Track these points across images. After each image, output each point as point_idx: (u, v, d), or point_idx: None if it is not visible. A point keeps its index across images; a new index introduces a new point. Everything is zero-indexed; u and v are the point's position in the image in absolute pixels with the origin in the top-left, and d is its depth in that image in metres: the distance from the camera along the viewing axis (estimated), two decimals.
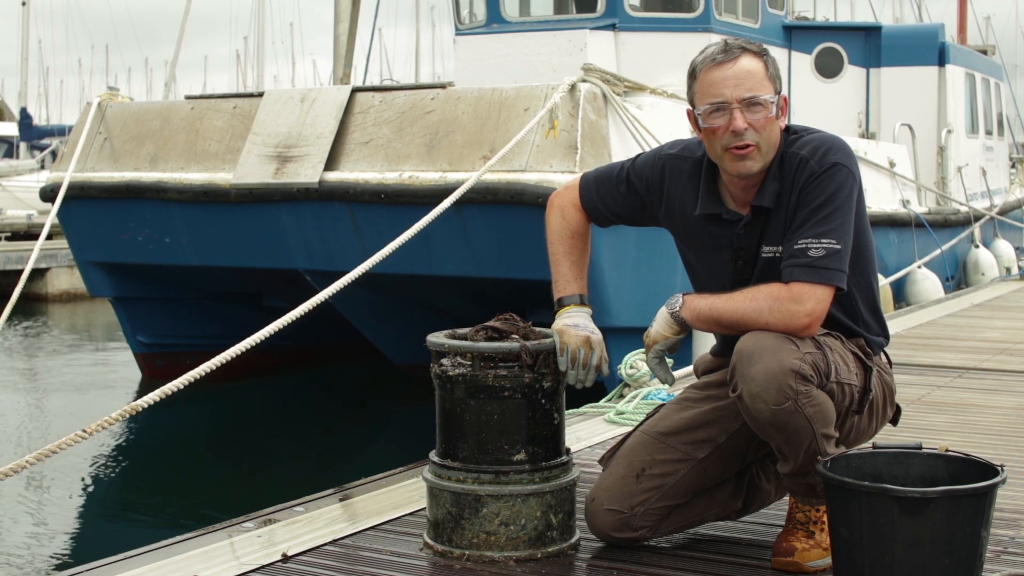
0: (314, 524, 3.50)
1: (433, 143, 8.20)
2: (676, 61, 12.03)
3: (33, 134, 40.62)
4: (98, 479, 8.09)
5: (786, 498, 3.25)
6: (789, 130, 3.10)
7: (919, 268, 12.67)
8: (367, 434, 9.85)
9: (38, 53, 51.49)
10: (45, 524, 7.08)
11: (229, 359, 4.70)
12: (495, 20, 12.45)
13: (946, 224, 14.15)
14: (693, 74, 3.05)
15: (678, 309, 3.04)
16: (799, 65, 13.99)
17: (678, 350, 3.13)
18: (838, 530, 2.75)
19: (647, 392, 5.28)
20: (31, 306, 17.60)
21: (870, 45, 14.44)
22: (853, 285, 3.07)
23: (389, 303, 9.35)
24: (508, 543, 3.14)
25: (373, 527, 3.49)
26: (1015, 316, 9.56)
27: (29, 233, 22.25)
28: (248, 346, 4.87)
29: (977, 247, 15.14)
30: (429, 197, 7.76)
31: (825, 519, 3.03)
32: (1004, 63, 21.58)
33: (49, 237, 9.16)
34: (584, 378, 3.14)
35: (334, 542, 3.34)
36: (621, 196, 3.29)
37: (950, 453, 2.84)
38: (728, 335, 3.16)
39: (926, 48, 14.83)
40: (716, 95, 2.99)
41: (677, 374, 5.40)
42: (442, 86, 8.61)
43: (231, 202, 8.79)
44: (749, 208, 3.07)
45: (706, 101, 3.00)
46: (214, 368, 4.53)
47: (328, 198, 8.41)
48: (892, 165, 12.83)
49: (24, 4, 39.96)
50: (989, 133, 17.25)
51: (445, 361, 3.17)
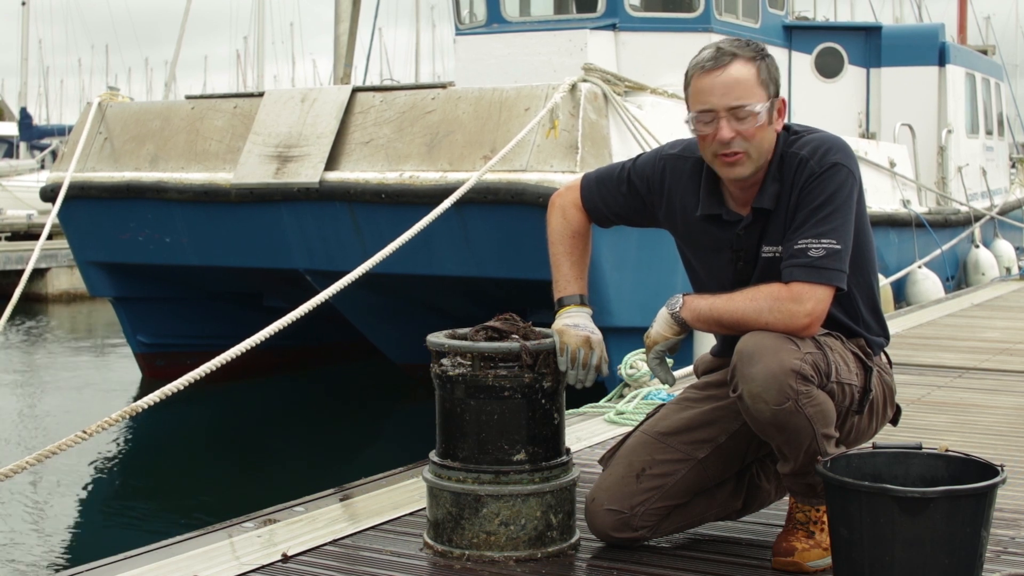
0: (314, 524, 3.50)
1: (434, 143, 8.20)
2: (676, 61, 11.93)
3: (33, 134, 40.63)
4: (98, 479, 8.09)
5: (786, 498, 3.25)
6: (789, 130, 3.09)
7: (919, 268, 12.67)
8: (367, 434, 9.85)
9: (38, 53, 51.55)
10: (45, 524, 7.08)
11: (229, 360, 4.70)
12: (495, 20, 12.45)
13: (946, 224, 14.15)
14: (687, 78, 3.05)
15: (678, 310, 3.04)
16: (799, 65, 13.98)
17: (679, 350, 3.13)
18: (838, 530, 2.75)
19: (647, 392, 5.28)
20: (31, 306, 17.60)
21: (870, 45, 14.43)
22: (853, 285, 3.07)
23: (390, 303, 9.35)
24: (508, 543, 3.14)
25: (373, 527, 3.49)
26: (1015, 316, 9.56)
27: (29, 233, 22.22)
28: (248, 347, 4.87)
29: (977, 247, 15.14)
30: (430, 197, 7.76)
31: (825, 519, 3.03)
32: (1004, 63, 21.57)
33: (49, 237, 9.15)
34: (584, 378, 3.14)
35: (334, 542, 3.34)
36: (622, 196, 3.29)
37: (950, 453, 2.84)
38: (728, 335, 3.17)
39: (926, 48, 14.83)
40: (704, 103, 2.98)
41: (677, 374, 5.39)
42: (443, 86, 8.61)
43: (231, 202, 8.79)
44: (749, 209, 3.07)
45: (695, 108, 3.01)
46: (214, 369, 4.53)
47: (328, 198, 8.41)
48: (892, 165, 12.84)
49: (24, 4, 39.96)
50: (989, 133, 17.25)
51: (445, 361, 3.17)
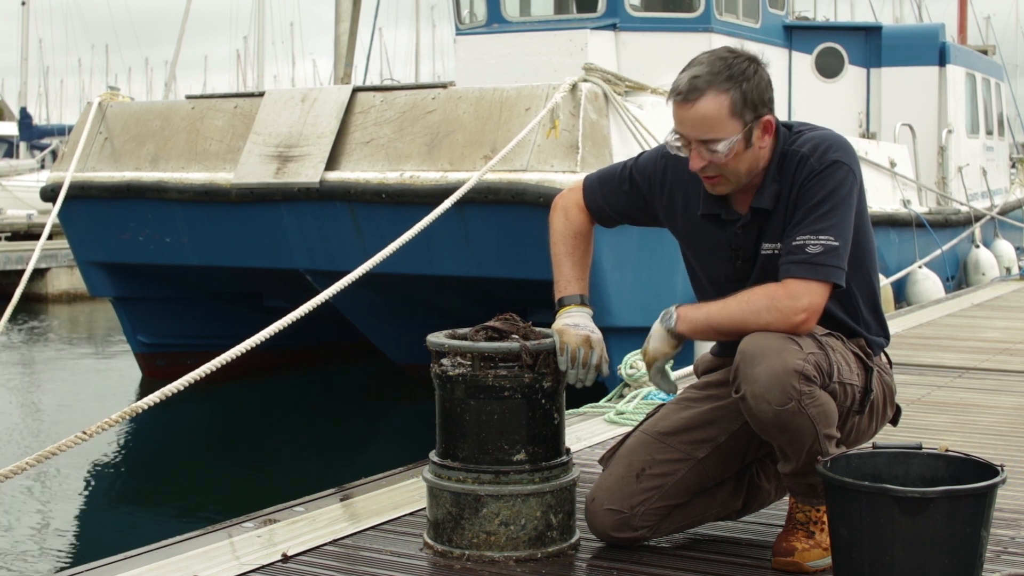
0: (314, 524, 3.50)
1: (434, 143, 8.19)
2: (677, 61, 11.84)
3: (33, 134, 40.64)
4: (98, 479, 8.09)
5: (786, 498, 3.25)
6: (791, 128, 3.08)
7: (920, 268, 12.67)
8: (367, 434, 9.85)
9: (38, 53, 51.57)
10: (45, 524, 7.08)
11: (230, 360, 4.70)
12: (495, 20, 12.44)
13: (947, 224, 14.14)
14: (669, 94, 3.06)
15: (674, 325, 3.03)
16: (799, 65, 13.98)
17: (677, 355, 3.13)
18: (838, 530, 2.75)
19: (647, 392, 5.28)
20: (31, 306, 17.60)
21: (871, 45, 14.42)
22: (853, 283, 3.07)
23: (390, 303, 9.35)
24: (508, 543, 3.13)
25: (373, 527, 3.49)
26: (1015, 316, 9.56)
27: (29, 233, 22.21)
28: (249, 347, 4.87)
29: (978, 247, 15.13)
30: (430, 197, 7.76)
31: (825, 519, 3.03)
32: (1004, 63, 21.57)
33: (49, 237, 9.15)
34: (584, 377, 3.14)
35: (334, 542, 3.34)
36: (624, 194, 3.29)
37: (950, 453, 2.84)
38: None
39: (927, 48, 14.82)
40: (678, 128, 3.00)
41: (677, 374, 5.39)
42: (443, 86, 8.60)
43: (232, 202, 8.79)
44: (748, 208, 3.07)
45: (673, 127, 3.03)
46: (215, 369, 4.53)
47: (329, 198, 8.41)
48: (893, 165, 12.83)
49: (24, 4, 39.97)
50: (990, 133, 17.25)
51: (445, 361, 3.17)
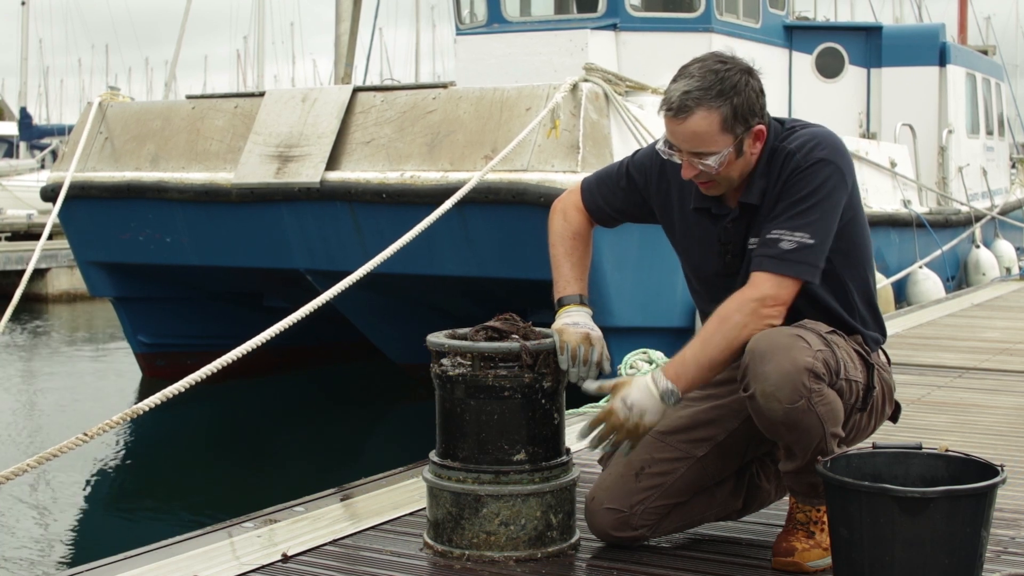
0: (314, 524, 3.50)
1: (434, 143, 8.19)
2: (677, 61, 11.78)
3: (33, 134, 40.66)
4: (98, 479, 8.09)
5: (786, 498, 3.26)
6: (783, 123, 3.09)
7: (920, 268, 12.67)
8: (367, 434, 9.85)
9: (38, 53, 51.59)
10: (45, 524, 7.08)
11: (231, 361, 4.69)
12: (496, 20, 12.43)
13: (947, 224, 14.14)
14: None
15: (673, 395, 2.95)
16: (800, 65, 13.97)
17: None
18: (838, 530, 2.75)
19: None
20: (31, 306, 17.59)
21: (871, 45, 14.42)
22: (848, 279, 3.09)
23: (390, 303, 9.35)
24: (508, 543, 3.14)
25: (373, 527, 3.49)
26: (1015, 316, 9.56)
27: (29, 233, 22.21)
28: (250, 348, 4.86)
29: (978, 247, 15.13)
30: (430, 197, 7.75)
31: (826, 519, 3.03)
32: (1004, 63, 21.56)
33: (49, 237, 9.14)
34: (586, 375, 3.14)
35: (334, 542, 3.34)
36: (622, 191, 3.31)
37: (950, 453, 2.84)
38: None
39: (927, 48, 14.81)
40: (671, 140, 3.02)
41: None
42: (443, 86, 8.60)
43: (232, 202, 8.79)
44: (737, 203, 3.08)
45: (664, 138, 3.05)
46: (216, 371, 4.54)
47: (329, 198, 8.41)
48: (893, 165, 12.83)
49: (24, 4, 39.97)
50: (990, 133, 17.24)
51: (445, 361, 3.17)
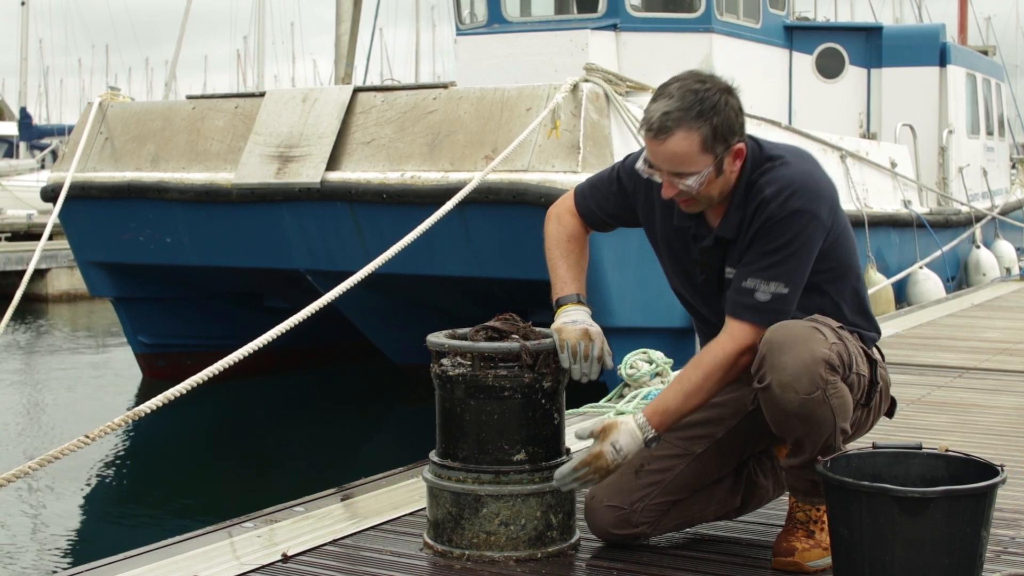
0: (314, 524, 3.50)
1: (435, 143, 8.19)
2: (677, 61, 12.00)
3: (33, 134, 40.66)
4: (98, 479, 8.09)
5: (785, 497, 3.26)
6: (762, 148, 3.06)
7: (920, 268, 12.66)
8: (367, 434, 9.85)
9: (38, 53, 51.63)
10: (45, 524, 7.08)
11: (232, 363, 4.69)
12: (496, 20, 12.43)
13: (947, 224, 14.14)
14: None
15: (652, 436, 3.03)
16: (800, 65, 13.97)
17: None
18: (838, 530, 2.75)
19: (647, 392, 5.28)
20: (31, 307, 17.60)
21: (871, 45, 14.42)
22: (834, 293, 3.11)
23: (390, 303, 9.34)
24: (508, 543, 3.14)
25: (373, 527, 3.49)
26: (1015, 316, 9.57)
27: (29, 233, 22.22)
28: (252, 350, 4.86)
29: (978, 247, 15.13)
30: (431, 197, 7.76)
31: (825, 519, 3.04)
32: (1005, 63, 21.56)
33: (50, 238, 9.14)
34: (588, 371, 3.14)
35: (334, 542, 3.34)
36: (614, 196, 3.32)
37: (950, 453, 2.84)
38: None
39: (927, 48, 14.81)
40: (651, 159, 3.01)
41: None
42: (444, 86, 8.59)
43: (232, 202, 8.78)
44: (713, 231, 3.10)
45: (644, 156, 3.04)
46: (217, 373, 4.54)
47: (330, 198, 8.41)
48: (893, 165, 12.82)
49: (24, 4, 39.98)
50: (990, 133, 17.24)
51: (445, 361, 3.17)
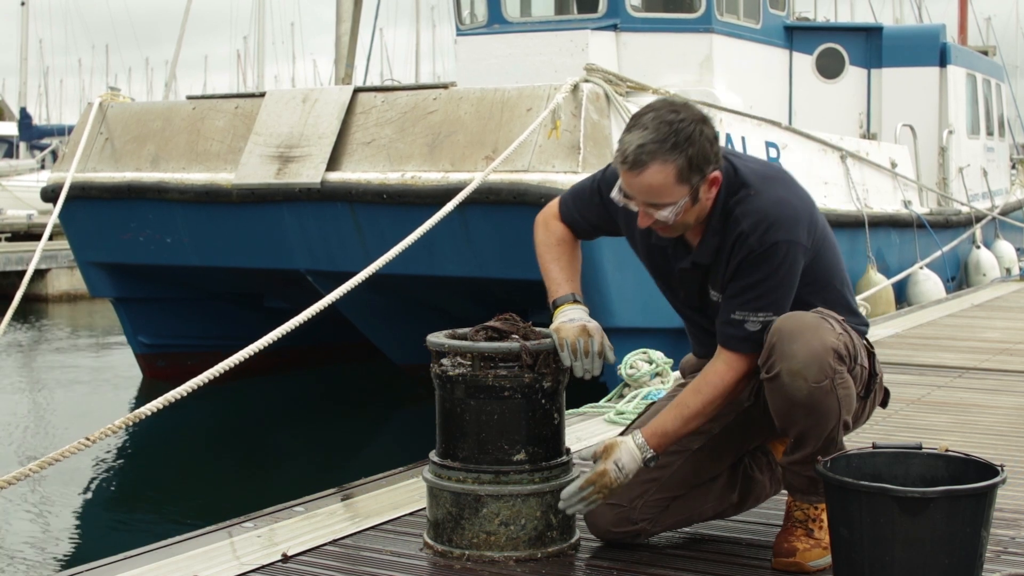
0: (314, 524, 3.51)
1: (435, 143, 8.19)
2: (678, 61, 12.03)
3: (33, 134, 40.64)
4: (98, 479, 8.09)
5: (783, 496, 3.26)
6: (736, 169, 3.05)
7: (921, 269, 12.66)
8: (367, 434, 9.85)
9: (38, 53, 51.62)
10: (45, 524, 7.08)
11: (233, 365, 4.69)
12: (496, 20, 12.43)
13: (947, 225, 14.13)
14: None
15: (651, 455, 3.06)
16: (800, 66, 13.96)
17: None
18: (838, 530, 2.75)
19: (647, 392, 5.29)
20: (31, 307, 17.59)
21: (871, 46, 14.41)
22: (821, 304, 3.10)
23: (391, 303, 9.34)
24: (508, 543, 3.14)
25: (373, 527, 3.50)
26: (1015, 316, 9.57)
27: (29, 233, 22.22)
28: (254, 351, 4.86)
29: (978, 248, 15.12)
30: (431, 197, 7.76)
31: (823, 517, 3.05)
32: (1005, 64, 21.55)
33: (50, 238, 9.13)
34: (591, 367, 3.14)
35: (334, 542, 3.35)
36: (595, 207, 3.32)
37: (950, 453, 2.84)
38: (707, 338, 3.23)
39: (927, 49, 14.80)
40: (627, 190, 3.02)
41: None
42: (444, 86, 8.59)
43: (233, 202, 8.78)
44: (690, 255, 3.11)
45: (619, 186, 3.04)
46: (218, 375, 4.54)
47: (330, 198, 8.40)
48: (894, 166, 12.81)
49: (24, 4, 39.99)
50: (990, 134, 17.23)
51: (445, 361, 3.17)
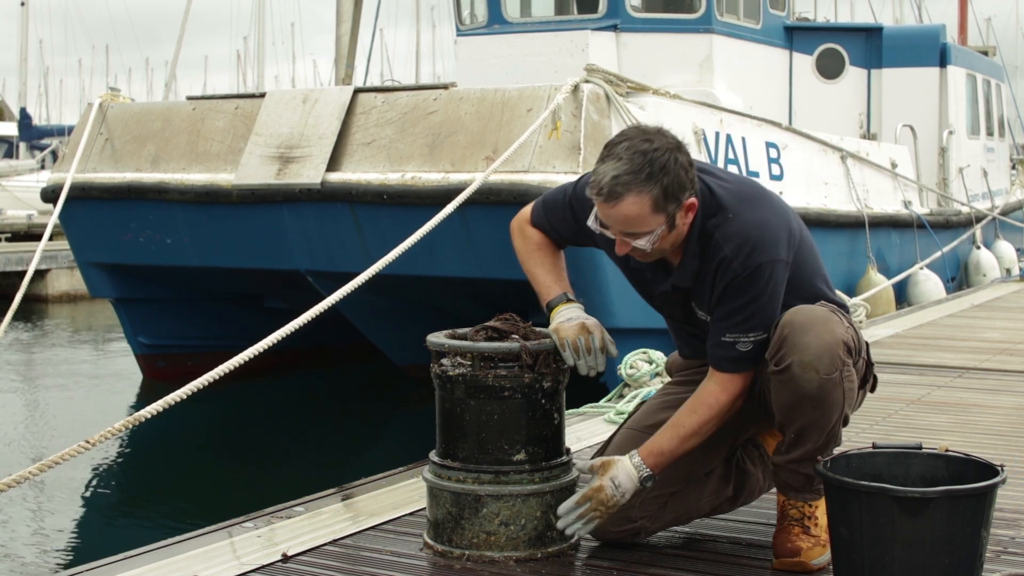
0: (314, 524, 3.51)
1: (435, 144, 8.18)
2: (678, 62, 12.03)
3: (33, 134, 40.63)
4: (98, 479, 8.09)
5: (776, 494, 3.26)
6: (711, 189, 3.03)
7: (921, 269, 12.66)
8: (367, 434, 9.84)
9: (38, 53, 51.60)
10: (45, 524, 7.08)
11: (234, 367, 4.70)
12: (496, 21, 12.43)
13: (947, 225, 14.13)
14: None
15: (650, 475, 3.07)
16: (800, 66, 13.96)
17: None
18: (838, 530, 2.76)
19: (647, 392, 5.29)
20: (31, 307, 17.59)
21: (871, 46, 14.41)
22: (798, 300, 3.07)
23: (391, 304, 9.34)
24: (508, 543, 3.14)
25: (373, 527, 3.50)
26: (1015, 316, 9.57)
27: (29, 234, 22.22)
28: (255, 353, 4.86)
29: (978, 248, 15.12)
30: (432, 198, 7.75)
31: (819, 514, 3.07)
32: (1005, 64, 21.55)
33: (50, 238, 9.13)
34: (594, 364, 3.15)
35: (334, 542, 3.35)
36: (566, 220, 3.31)
37: (950, 453, 2.84)
38: (693, 341, 3.24)
39: (927, 49, 14.80)
40: (603, 220, 2.98)
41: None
42: (444, 87, 8.58)
43: (233, 203, 8.78)
44: (670, 282, 3.10)
45: (595, 215, 3.00)
46: (218, 376, 4.55)
47: (330, 199, 8.40)
48: (894, 166, 12.81)
49: (23, 4, 39.99)
50: (990, 134, 17.23)
51: (445, 361, 3.17)
